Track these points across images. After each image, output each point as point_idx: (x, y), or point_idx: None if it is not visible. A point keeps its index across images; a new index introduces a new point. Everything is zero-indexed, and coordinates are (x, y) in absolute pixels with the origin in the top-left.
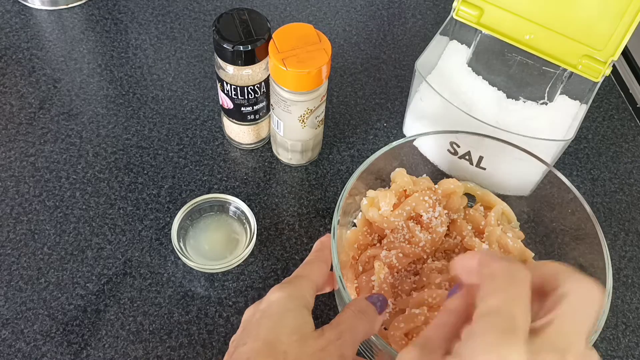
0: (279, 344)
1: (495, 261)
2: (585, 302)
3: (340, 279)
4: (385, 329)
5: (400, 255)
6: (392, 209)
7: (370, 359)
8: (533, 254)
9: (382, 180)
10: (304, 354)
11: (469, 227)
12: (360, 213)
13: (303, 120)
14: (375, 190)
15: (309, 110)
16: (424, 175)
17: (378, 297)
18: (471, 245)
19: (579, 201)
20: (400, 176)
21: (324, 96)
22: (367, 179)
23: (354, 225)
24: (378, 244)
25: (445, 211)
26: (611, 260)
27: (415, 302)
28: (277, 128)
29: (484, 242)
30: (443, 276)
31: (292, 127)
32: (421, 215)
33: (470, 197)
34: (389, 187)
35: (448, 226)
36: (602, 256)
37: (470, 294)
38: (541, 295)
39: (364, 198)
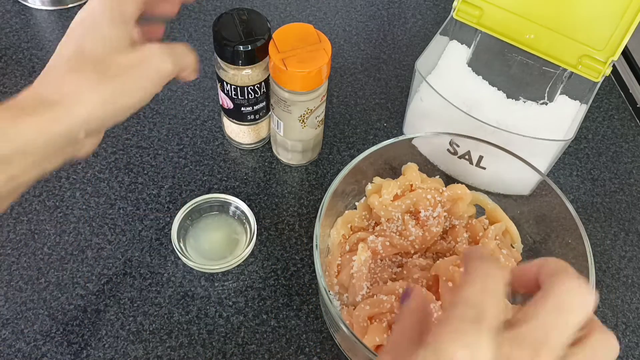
0: (91, 52)
1: (475, 259)
2: (569, 303)
3: (326, 290)
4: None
5: (387, 244)
6: (392, 198)
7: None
8: None
9: (394, 173)
10: (118, 64)
11: (466, 235)
12: (364, 198)
13: (303, 120)
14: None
15: (309, 110)
16: (437, 176)
17: None
18: (460, 251)
19: (570, 213)
20: (409, 170)
21: (324, 96)
22: (378, 167)
23: (355, 207)
24: (372, 230)
25: (446, 214)
26: (611, 260)
27: (386, 290)
28: (277, 128)
29: None
30: (422, 273)
31: (292, 127)
32: (419, 212)
33: (481, 210)
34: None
35: (447, 230)
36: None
37: (421, 295)
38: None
39: (369, 183)
